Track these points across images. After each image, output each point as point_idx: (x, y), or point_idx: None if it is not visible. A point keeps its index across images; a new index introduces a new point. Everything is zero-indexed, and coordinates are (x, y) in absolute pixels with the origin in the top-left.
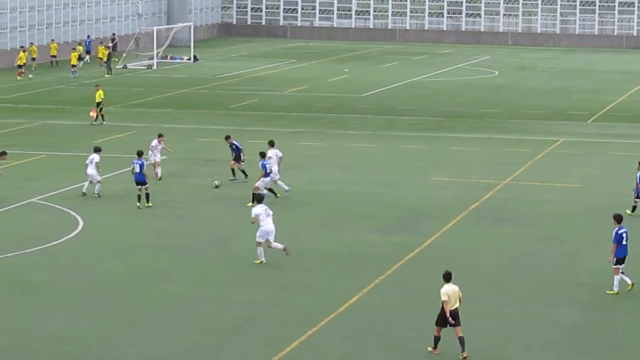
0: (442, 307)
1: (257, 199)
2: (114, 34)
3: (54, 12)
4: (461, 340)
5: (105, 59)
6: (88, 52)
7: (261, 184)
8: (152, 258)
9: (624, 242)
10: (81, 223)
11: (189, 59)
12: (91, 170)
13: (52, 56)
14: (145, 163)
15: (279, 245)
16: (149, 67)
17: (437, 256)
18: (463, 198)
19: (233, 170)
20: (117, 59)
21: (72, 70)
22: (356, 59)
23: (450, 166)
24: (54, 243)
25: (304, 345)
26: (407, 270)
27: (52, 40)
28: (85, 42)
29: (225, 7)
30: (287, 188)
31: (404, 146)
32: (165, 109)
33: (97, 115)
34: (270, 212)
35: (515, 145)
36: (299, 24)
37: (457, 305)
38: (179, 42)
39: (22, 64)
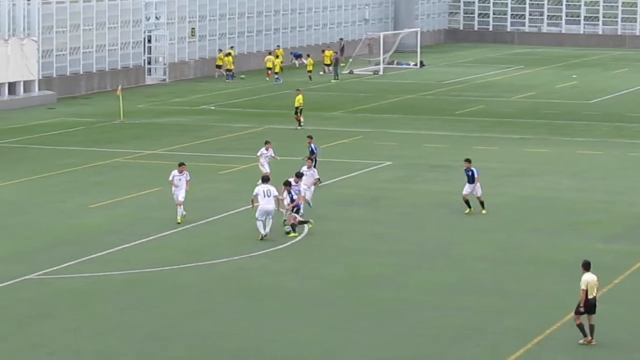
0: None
1: (263, 178)
2: (341, 39)
3: (281, 18)
4: (592, 327)
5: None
6: (298, 56)
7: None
8: (375, 263)
9: None
10: (306, 227)
11: (416, 65)
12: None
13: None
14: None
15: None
16: (375, 72)
17: None
18: None
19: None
20: (344, 64)
21: (276, 77)
22: (584, 65)
23: None
24: (279, 247)
25: (528, 353)
26: (634, 279)
27: (278, 46)
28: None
29: (452, 12)
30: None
31: (633, 154)
32: (390, 114)
33: (299, 120)
34: (272, 193)
35: None
36: (526, 30)
37: (595, 294)
38: (406, 47)
39: (270, 66)
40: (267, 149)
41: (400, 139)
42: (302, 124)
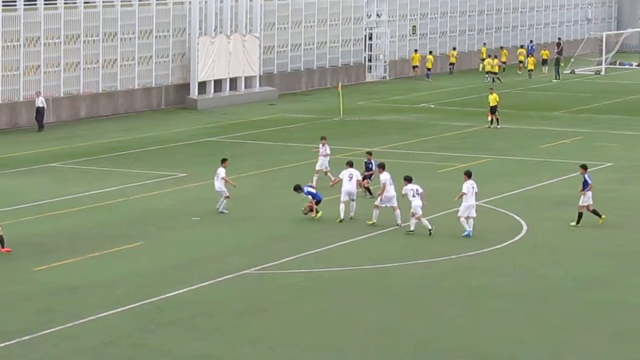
0: None
1: (407, 179)
2: (559, 39)
3: (503, 16)
4: None
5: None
6: (530, 56)
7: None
8: (596, 264)
9: None
10: (525, 227)
11: (638, 65)
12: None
13: (502, 62)
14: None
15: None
16: (597, 72)
17: None
18: None
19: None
20: (563, 64)
21: (486, 76)
22: None
23: None
24: (497, 247)
25: None
26: None
27: (501, 47)
28: (528, 46)
29: None
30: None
31: None
32: (612, 114)
33: (493, 119)
34: (420, 190)
35: None
36: None
37: None
38: (629, 47)
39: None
40: (323, 144)
41: (622, 140)
42: (493, 123)
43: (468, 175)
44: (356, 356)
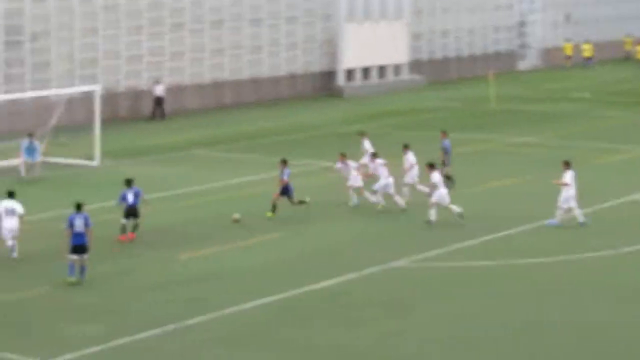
0: None
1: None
2: None
3: None
4: None
5: None
6: None
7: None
8: None
9: None
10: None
11: None
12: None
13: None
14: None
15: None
16: None
17: None
18: None
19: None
20: None
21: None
22: None
23: None
24: None
25: None
26: None
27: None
28: None
29: None
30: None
31: None
32: None
33: None
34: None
35: None
36: None
37: None
38: None
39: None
40: (341, 161)
41: None
42: None
43: (431, 166)
44: (505, 352)
